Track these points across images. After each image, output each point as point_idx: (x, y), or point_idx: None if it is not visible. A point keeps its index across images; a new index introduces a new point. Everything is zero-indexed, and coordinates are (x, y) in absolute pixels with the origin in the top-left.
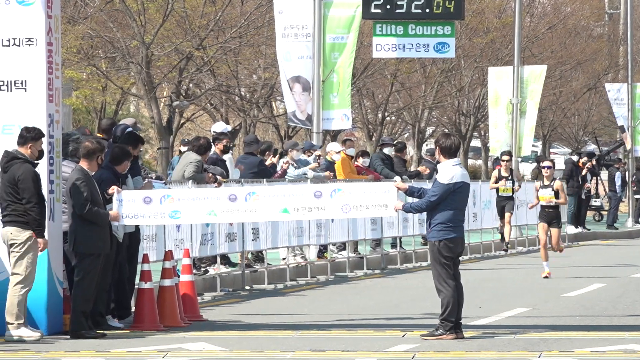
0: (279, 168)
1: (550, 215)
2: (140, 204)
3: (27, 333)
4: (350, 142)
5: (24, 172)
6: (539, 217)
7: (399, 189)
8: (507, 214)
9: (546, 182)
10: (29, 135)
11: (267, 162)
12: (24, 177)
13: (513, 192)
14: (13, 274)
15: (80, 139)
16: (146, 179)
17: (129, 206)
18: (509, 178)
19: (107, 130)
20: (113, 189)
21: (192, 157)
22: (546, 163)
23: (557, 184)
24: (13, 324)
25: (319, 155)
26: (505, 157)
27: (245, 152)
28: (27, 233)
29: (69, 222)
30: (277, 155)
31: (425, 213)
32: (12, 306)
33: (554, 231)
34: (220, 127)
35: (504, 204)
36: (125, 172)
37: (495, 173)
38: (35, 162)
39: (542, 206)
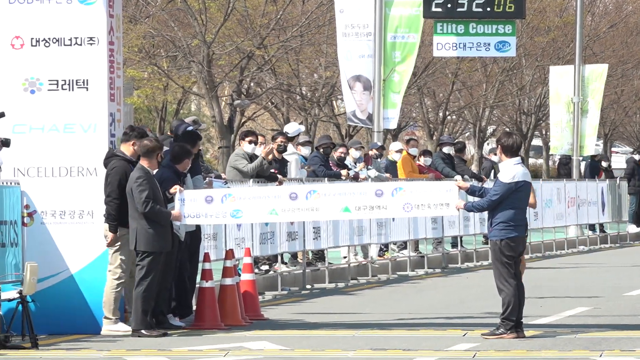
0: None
1: None
2: (202, 204)
3: (123, 328)
4: (414, 141)
5: (114, 169)
6: None
7: (460, 188)
8: None
9: None
10: (133, 133)
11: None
12: (111, 173)
13: None
14: (109, 270)
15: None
16: (207, 178)
17: (191, 205)
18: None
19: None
20: (175, 189)
21: (236, 152)
22: None
23: None
24: (111, 319)
25: (366, 154)
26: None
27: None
28: (123, 231)
29: (131, 220)
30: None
31: (486, 212)
32: (109, 302)
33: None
34: (292, 127)
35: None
36: (186, 171)
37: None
38: (135, 160)
39: None
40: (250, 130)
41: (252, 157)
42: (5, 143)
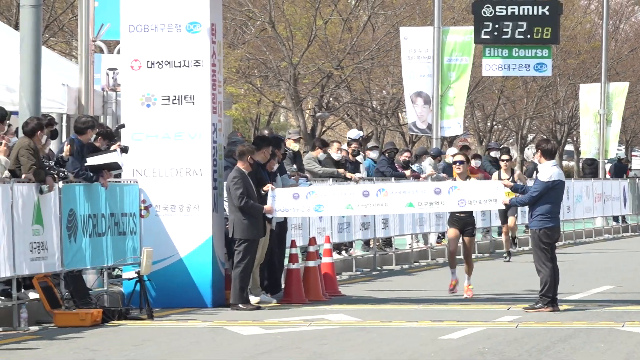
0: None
1: (463, 221)
2: (290, 199)
3: (265, 299)
4: (467, 147)
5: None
6: (449, 222)
7: (506, 186)
8: (511, 218)
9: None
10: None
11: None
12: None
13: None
14: None
15: (237, 142)
16: (292, 178)
17: (281, 201)
18: (510, 180)
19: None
20: (268, 187)
21: (308, 156)
22: (458, 157)
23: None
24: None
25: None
26: (505, 157)
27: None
28: None
29: (229, 213)
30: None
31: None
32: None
33: (467, 240)
34: (354, 133)
35: (507, 208)
36: (275, 171)
37: (495, 176)
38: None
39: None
40: (324, 142)
41: (320, 161)
42: (124, 150)
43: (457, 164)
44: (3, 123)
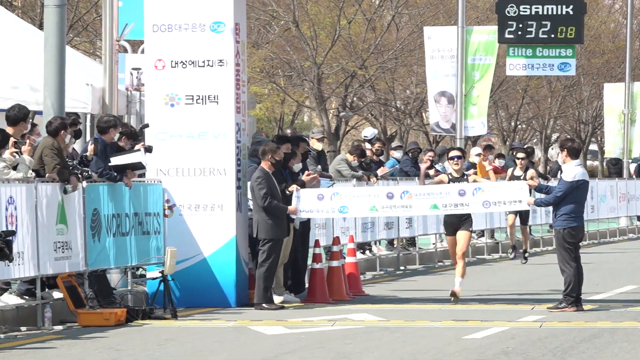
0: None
1: (458, 218)
2: (314, 200)
3: (289, 299)
4: (490, 147)
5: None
6: (444, 227)
7: (530, 186)
8: (510, 216)
9: (456, 176)
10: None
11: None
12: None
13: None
14: None
15: (262, 142)
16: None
17: (305, 202)
18: (522, 179)
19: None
20: (292, 187)
21: (340, 157)
22: (454, 153)
23: (472, 178)
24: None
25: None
26: (521, 155)
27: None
28: None
29: (253, 213)
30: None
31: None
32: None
33: (461, 235)
34: (369, 131)
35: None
36: (297, 171)
37: (508, 172)
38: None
39: None
40: (363, 153)
41: (350, 166)
42: (149, 149)
43: (455, 159)
44: (26, 122)
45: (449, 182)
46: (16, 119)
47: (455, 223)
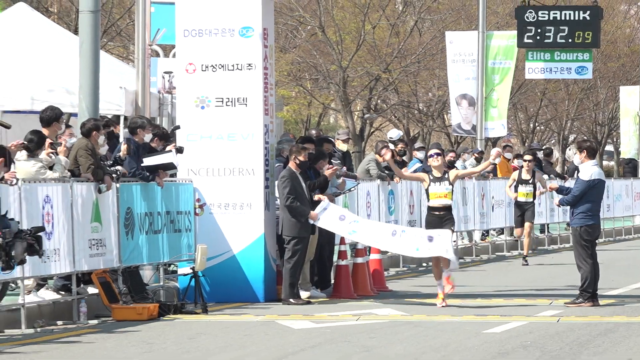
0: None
1: (440, 218)
2: (335, 219)
3: (315, 294)
4: (509, 147)
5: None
6: (427, 227)
7: (551, 189)
8: (527, 224)
9: (437, 175)
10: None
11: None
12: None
13: (534, 197)
14: None
15: (284, 142)
16: (341, 178)
17: (328, 215)
18: (530, 182)
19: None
20: (319, 197)
21: (369, 157)
22: (433, 150)
23: (452, 173)
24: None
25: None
26: (528, 157)
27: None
28: None
29: (279, 211)
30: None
31: None
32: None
33: (445, 231)
34: (394, 133)
35: (524, 211)
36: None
37: (514, 175)
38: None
39: (429, 208)
40: (391, 151)
41: (378, 165)
42: (180, 150)
43: (434, 155)
44: (59, 122)
45: (429, 183)
46: (49, 120)
47: (437, 222)
